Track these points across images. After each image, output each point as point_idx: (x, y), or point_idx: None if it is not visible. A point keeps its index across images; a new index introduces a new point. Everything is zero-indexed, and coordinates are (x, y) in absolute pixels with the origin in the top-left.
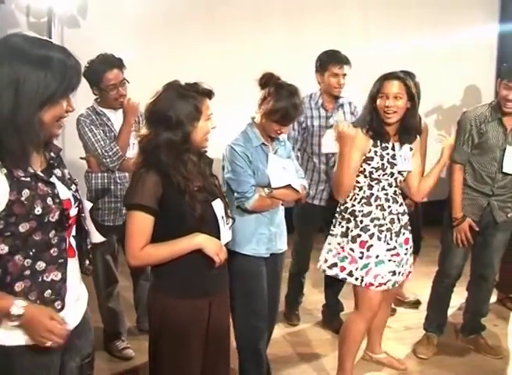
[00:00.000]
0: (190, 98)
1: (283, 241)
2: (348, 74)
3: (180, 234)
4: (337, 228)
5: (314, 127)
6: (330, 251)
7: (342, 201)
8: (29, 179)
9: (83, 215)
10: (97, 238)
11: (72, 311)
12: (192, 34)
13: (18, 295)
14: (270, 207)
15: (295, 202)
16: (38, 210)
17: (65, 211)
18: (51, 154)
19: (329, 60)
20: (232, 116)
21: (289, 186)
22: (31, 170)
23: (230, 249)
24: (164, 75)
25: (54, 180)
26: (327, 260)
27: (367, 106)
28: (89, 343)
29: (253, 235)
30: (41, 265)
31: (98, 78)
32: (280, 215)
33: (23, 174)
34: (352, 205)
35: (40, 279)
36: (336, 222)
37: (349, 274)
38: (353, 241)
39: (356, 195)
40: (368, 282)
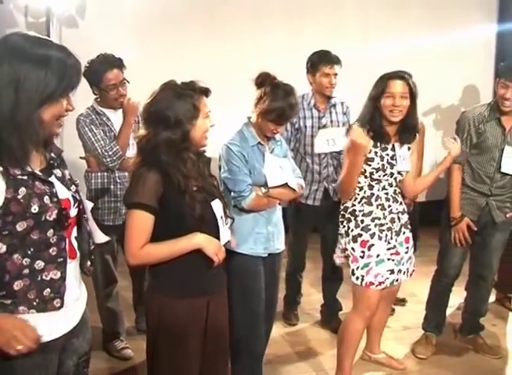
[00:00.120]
0: (188, 97)
1: (281, 241)
2: (347, 74)
3: (180, 234)
4: (340, 228)
5: (306, 128)
6: (339, 249)
7: (344, 201)
8: (26, 177)
9: (84, 216)
10: (100, 238)
11: (71, 311)
12: (192, 34)
13: (17, 294)
14: (267, 206)
15: (289, 202)
16: (35, 208)
17: (63, 210)
18: (51, 154)
19: (320, 60)
20: (231, 116)
21: (285, 185)
22: (28, 169)
23: (228, 248)
24: (163, 75)
25: (53, 180)
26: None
27: (368, 106)
28: (86, 342)
29: (250, 234)
30: (40, 264)
31: (98, 78)
32: (277, 214)
33: (20, 172)
34: (352, 205)
35: (39, 278)
36: (339, 222)
37: (351, 273)
38: (354, 241)
39: (356, 195)
40: (369, 281)
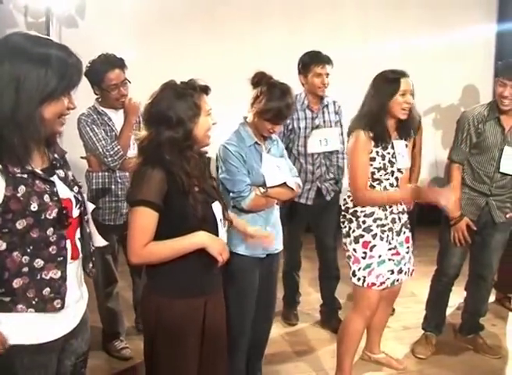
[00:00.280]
0: (188, 96)
1: (279, 241)
2: (347, 74)
3: (181, 234)
4: (342, 229)
5: (300, 129)
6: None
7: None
8: (25, 175)
9: (85, 217)
10: (99, 242)
11: (72, 312)
12: (192, 34)
13: (16, 292)
14: (265, 206)
15: (283, 201)
16: (34, 206)
17: (63, 209)
18: (54, 155)
19: (311, 61)
20: (231, 116)
21: (284, 184)
22: (29, 168)
23: None
24: (163, 75)
25: (54, 179)
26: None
27: (376, 106)
28: (85, 342)
29: None
30: (39, 262)
31: (100, 78)
32: (275, 214)
33: (20, 171)
34: (354, 206)
35: (38, 276)
36: (340, 222)
37: (352, 274)
38: (355, 242)
39: None
40: (371, 282)
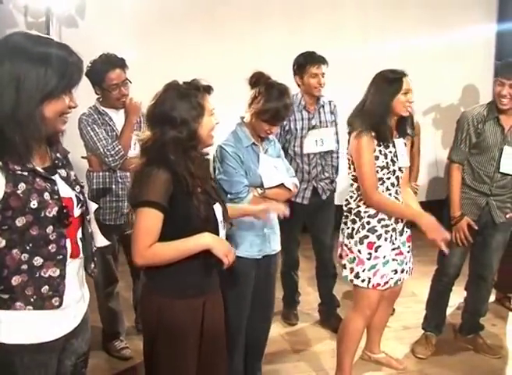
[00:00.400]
0: (192, 96)
1: (277, 242)
2: (347, 74)
3: (185, 235)
4: (344, 229)
5: (297, 130)
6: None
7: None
8: (26, 173)
9: (87, 217)
10: (101, 242)
11: (72, 312)
12: (192, 34)
13: (15, 289)
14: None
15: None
16: (34, 204)
17: (64, 208)
18: (57, 154)
19: (307, 61)
20: (231, 116)
21: (281, 185)
22: (30, 165)
23: None
24: (163, 75)
25: (55, 178)
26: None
27: (381, 106)
28: (85, 342)
29: (247, 237)
30: (39, 260)
31: (100, 78)
32: (273, 215)
33: (20, 168)
34: (357, 206)
35: (37, 274)
36: (343, 222)
37: (356, 276)
38: (360, 243)
39: (360, 196)
40: (376, 283)
